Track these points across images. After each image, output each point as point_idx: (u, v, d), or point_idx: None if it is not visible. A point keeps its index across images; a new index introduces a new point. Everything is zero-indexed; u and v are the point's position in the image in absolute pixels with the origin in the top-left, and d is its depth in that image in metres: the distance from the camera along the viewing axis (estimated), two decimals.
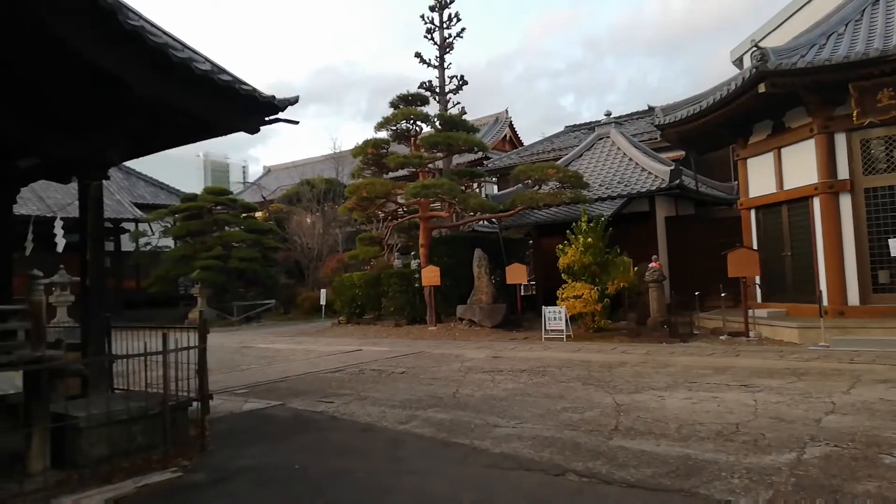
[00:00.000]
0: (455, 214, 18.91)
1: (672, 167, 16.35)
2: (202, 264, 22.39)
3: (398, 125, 16.63)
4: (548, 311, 13.69)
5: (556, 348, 12.01)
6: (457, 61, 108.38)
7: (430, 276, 16.47)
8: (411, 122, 16.73)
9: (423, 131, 17.41)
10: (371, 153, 16.52)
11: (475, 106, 35.76)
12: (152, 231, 27.56)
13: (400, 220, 18.19)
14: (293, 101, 7.77)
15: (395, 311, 18.38)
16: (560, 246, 14.11)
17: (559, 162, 18.75)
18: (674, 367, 9.24)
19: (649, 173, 16.95)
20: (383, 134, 17.09)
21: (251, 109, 7.61)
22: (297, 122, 8.03)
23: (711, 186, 18.71)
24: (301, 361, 12.03)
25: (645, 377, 8.58)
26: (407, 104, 16.88)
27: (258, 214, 31.38)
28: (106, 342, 7.99)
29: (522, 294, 19.57)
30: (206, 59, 7.01)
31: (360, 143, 16.64)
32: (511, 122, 36.04)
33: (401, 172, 18.99)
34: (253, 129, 8.06)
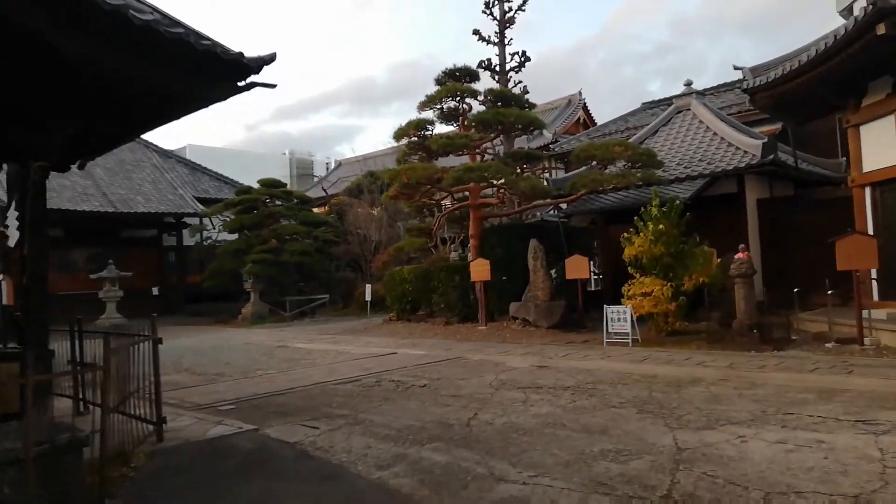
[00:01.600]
0: (514, 202, 17.10)
1: (765, 140, 13.85)
2: (254, 258, 21.67)
3: (443, 103, 14.96)
4: (611, 310, 11.71)
5: (616, 356, 10.05)
6: (534, 49, 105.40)
7: (480, 269, 14.77)
8: (458, 99, 15.02)
9: (473, 111, 15.66)
10: (413, 135, 14.96)
11: (551, 93, 33.73)
12: (213, 225, 27.30)
13: (447, 210, 16.53)
14: (268, 59, 6.27)
15: (446, 308, 16.81)
16: (625, 234, 12.05)
17: (631, 140, 16.51)
18: (763, 388, 7.15)
19: (737, 149, 14.49)
20: (429, 114, 15.46)
21: (216, 72, 6.17)
22: (274, 86, 6.57)
23: (814, 164, 15.94)
24: (323, 367, 10.69)
25: (723, 402, 6.57)
26: (454, 80, 15.17)
27: (320, 209, 30.68)
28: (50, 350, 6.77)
29: (588, 290, 17.59)
30: (155, 10, 5.58)
31: (403, 125, 15.10)
32: (585, 103, 33.59)
33: (453, 158, 17.36)
34: (222, 96, 6.66)
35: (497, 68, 19.14)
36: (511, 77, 19.17)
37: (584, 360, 9.84)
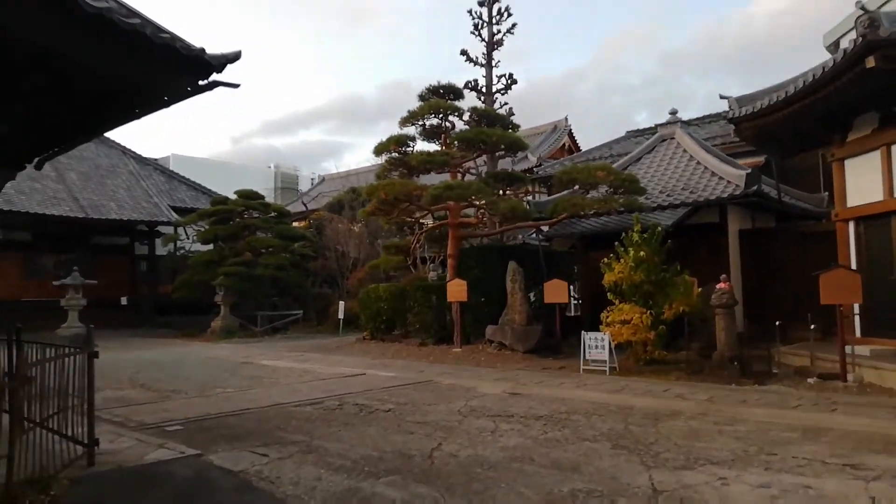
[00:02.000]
0: (494, 223, 16.78)
1: (748, 171, 13.71)
2: (226, 270, 21.05)
3: (425, 120, 14.66)
4: (589, 337, 11.33)
5: (592, 385, 9.65)
6: (525, 77, 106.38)
7: (456, 290, 14.36)
8: (441, 116, 14.73)
9: (456, 129, 15.36)
10: (394, 150, 14.60)
11: (541, 119, 33.73)
12: (186, 235, 26.65)
13: (426, 228, 16.14)
14: (231, 57, 5.91)
15: (421, 329, 16.34)
16: (605, 260, 11.74)
17: (615, 166, 16.32)
18: (745, 425, 6.79)
19: (720, 178, 14.33)
20: (411, 131, 15.14)
21: (175, 68, 5.79)
22: (237, 86, 6.20)
23: (796, 197, 15.85)
24: (285, 386, 10.16)
25: (703, 439, 6.19)
26: (438, 97, 14.88)
27: (300, 223, 30.15)
28: None
29: (567, 315, 17.25)
30: None
31: (384, 140, 14.75)
32: (570, 130, 33.65)
33: (435, 176, 17.03)
34: (182, 94, 6.29)
35: (483, 89, 18.95)
36: (497, 99, 18.99)
37: (559, 388, 9.42)
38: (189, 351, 16.99)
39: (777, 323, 11.20)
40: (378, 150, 14.81)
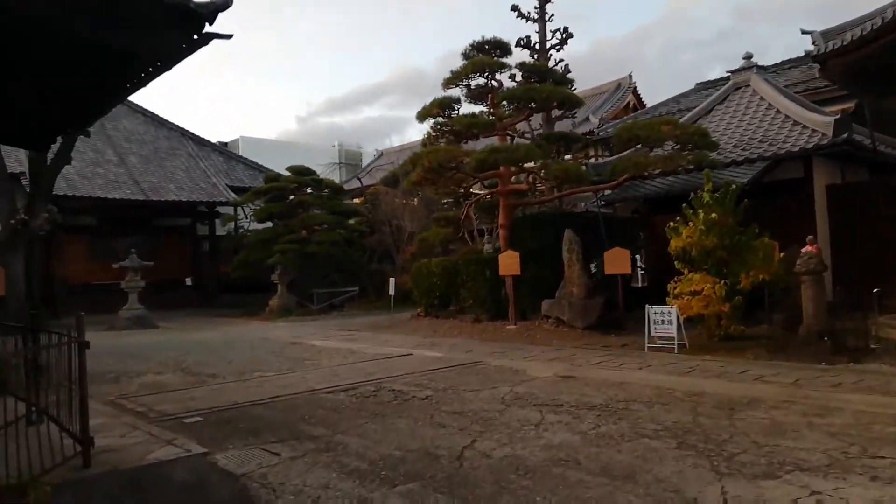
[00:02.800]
0: (550, 189, 15.68)
1: (837, 117, 12.08)
2: (280, 248, 20.85)
3: (470, 80, 13.65)
4: (654, 311, 10.25)
5: (657, 366, 8.62)
6: (589, 36, 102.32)
7: (509, 263, 13.46)
8: (487, 75, 13.67)
9: (504, 88, 14.26)
10: (437, 114, 13.70)
11: (607, 80, 31.93)
12: (245, 214, 26.70)
13: (475, 198, 15.21)
14: (221, 4, 5.21)
15: (475, 305, 15.55)
16: (671, 224, 10.55)
17: (682, 120, 14.85)
18: (840, 416, 5.68)
19: (804, 127, 12.72)
20: (456, 93, 14.17)
21: (162, 22, 5.16)
22: (230, 36, 5.51)
23: (894, 146, 13.98)
24: (325, 370, 9.61)
25: (788, 435, 5.16)
26: (483, 54, 13.81)
27: (359, 199, 29.77)
28: None
29: (633, 286, 16.09)
30: None
31: (427, 104, 13.85)
32: (635, 87, 31.69)
33: (486, 142, 16.04)
34: (176, 52, 5.68)
35: (537, 46, 17.73)
36: (551, 56, 17.73)
37: (619, 370, 8.45)
38: (244, 331, 16.87)
39: (874, 290, 9.79)
40: (421, 116, 13.94)
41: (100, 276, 24.84)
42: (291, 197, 23.21)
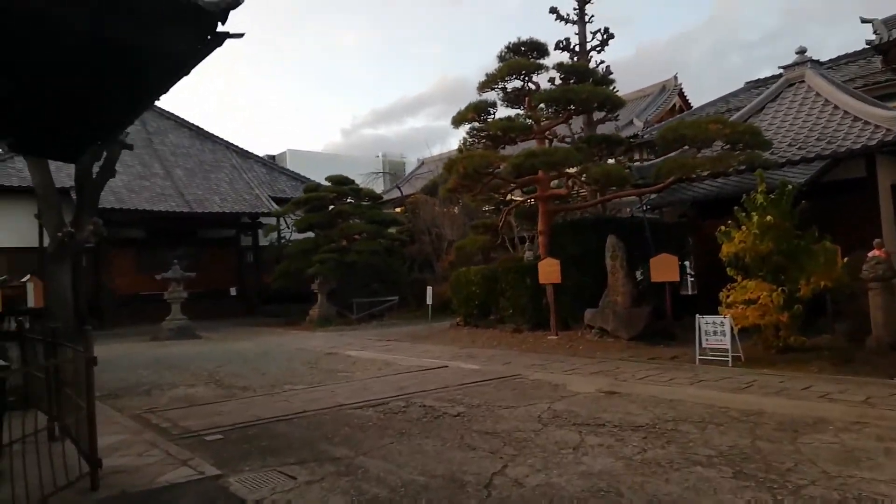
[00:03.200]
0: (594, 193, 15.09)
1: None
2: (320, 258, 20.77)
3: (506, 82, 13.22)
4: (705, 321, 9.58)
5: (710, 380, 7.99)
6: (632, 40, 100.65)
7: (549, 270, 12.94)
8: (523, 77, 13.23)
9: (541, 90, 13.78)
10: (472, 118, 13.31)
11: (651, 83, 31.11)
12: (286, 225, 26.82)
13: (515, 203, 14.72)
14: (232, 2, 4.99)
15: (516, 314, 15.07)
16: (722, 228, 9.89)
17: (732, 119, 14.08)
18: None
19: (865, 123, 11.85)
20: (493, 97, 13.78)
21: (172, 21, 4.97)
22: (241, 35, 5.26)
23: None
24: (357, 383, 9.29)
25: (863, 464, 4.55)
26: (519, 55, 13.39)
27: (401, 210, 29.62)
28: None
29: (682, 294, 15.39)
30: None
31: (462, 109, 13.48)
32: (681, 89, 30.69)
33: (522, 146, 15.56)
34: (192, 54, 5.47)
35: (576, 48, 17.20)
36: (592, 57, 17.18)
37: (668, 385, 7.86)
38: (283, 341, 16.76)
39: None
40: (457, 121, 13.58)
41: (147, 287, 25.24)
42: (331, 207, 23.13)
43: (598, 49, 17.53)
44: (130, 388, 9.82)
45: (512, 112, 14.16)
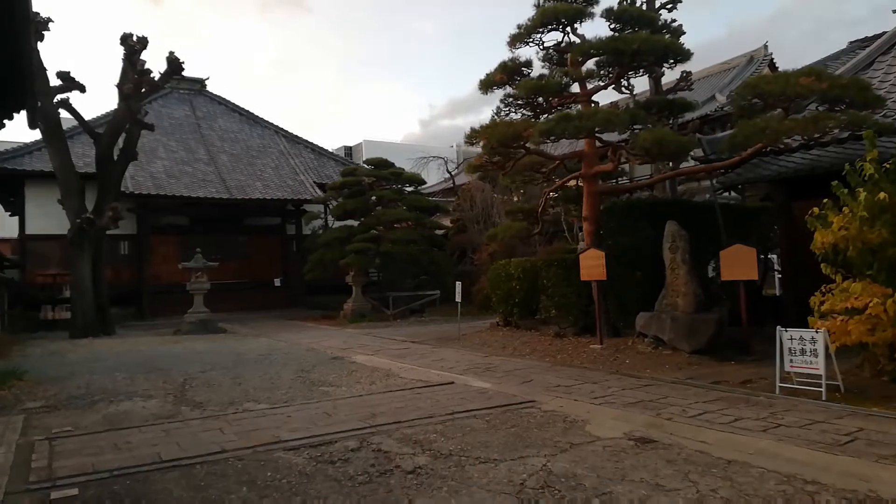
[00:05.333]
0: (661, 171, 12.60)
1: None
2: (353, 248, 19.12)
3: (542, 33, 10.91)
4: (790, 335, 7.10)
5: (793, 425, 5.60)
6: (724, 17, 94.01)
7: (592, 265, 10.66)
8: (563, 27, 10.87)
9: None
10: (501, 80, 11.09)
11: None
12: (329, 212, 25.39)
13: (556, 184, 12.35)
14: None
15: (560, 315, 12.84)
16: (815, 210, 7.35)
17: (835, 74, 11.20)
18: None
19: None
20: (529, 54, 11.50)
21: None
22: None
23: None
24: (328, 404, 7.41)
25: None
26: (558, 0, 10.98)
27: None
28: None
29: (764, 295, 12.75)
30: None
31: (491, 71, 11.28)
32: (772, 60, 27.09)
33: None
34: None
35: (643, 5, 14.60)
36: (661, 15, 14.53)
37: (730, 431, 5.52)
38: (301, 338, 15.18)
39: None
40: (484, 85, 11.37)
41: (188, 277, 24.51)
42: (369, 192, 21.42)
43: (668, 6, 14.90)
44: (80, 397, 8.38)
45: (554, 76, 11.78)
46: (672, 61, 10.68)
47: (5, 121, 7.78)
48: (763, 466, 4.56)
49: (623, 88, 12.46)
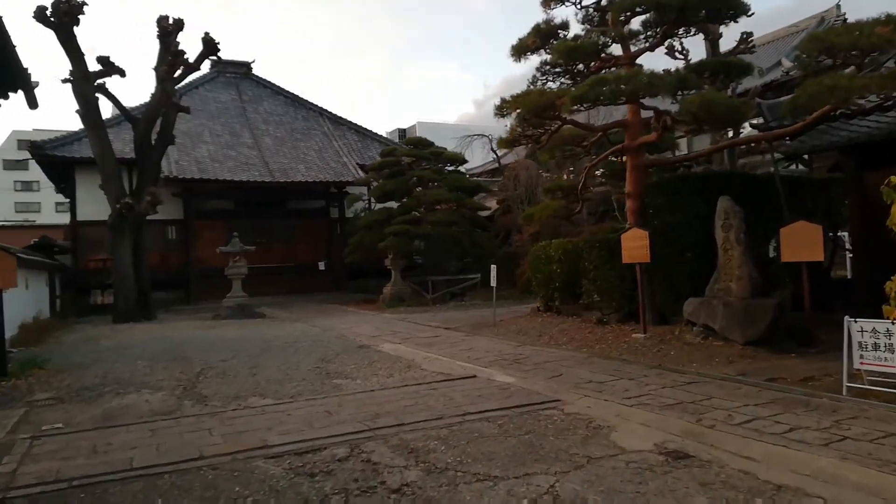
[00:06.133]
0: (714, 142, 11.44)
1: None
2: (392, 230, 18.58)
3: None
4: (860, 327, 6.06)
5: (861, 439, 4.64)
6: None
7: (634, 246, 9.71)
8: None
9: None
10: (534, 45, 10.14)
11: None
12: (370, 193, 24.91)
13: (598, 158, 11.32)
14: None
15: (602, 300, 11.95)
16: (892, 180, 6.23)
17: None
18: None
19: None
20: (564, 15, 10.51)
21: None
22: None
23: None
24: (334, 400, 6.84)
25: None
26: None
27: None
28: None
29: (832, 277, 11.55)
30: None
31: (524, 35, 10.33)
32: (845, 20, 24.85)
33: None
34: None
35: None
36: None
37: (783, 444, 4.62)
38: (335, 324, 14.77)
39: None
40: (516, 51, 10.45)
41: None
42: (409, 172, 20.77)
43: None
44: (91, 388, 8.13)
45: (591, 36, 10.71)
46: (727, 18, 9.48)
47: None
48: (821, 495, 3.70)
49: (676, 54, 11.35)
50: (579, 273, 12.67)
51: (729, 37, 11.87)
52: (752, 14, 9.66)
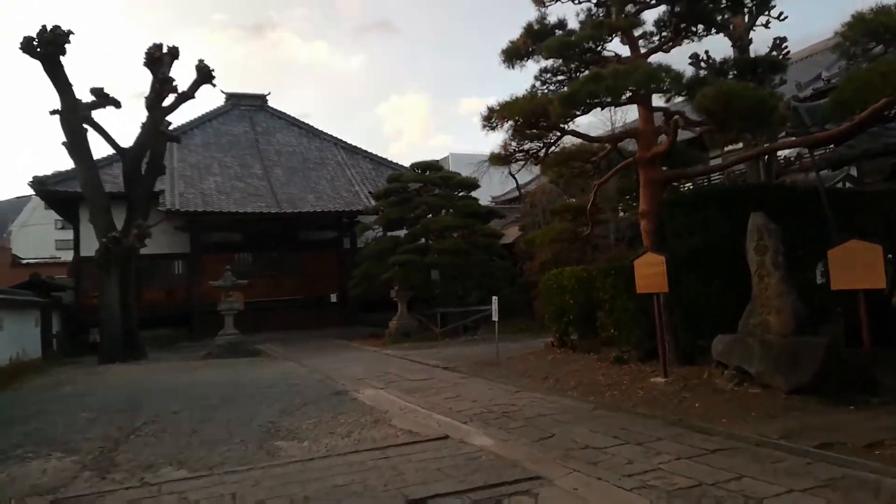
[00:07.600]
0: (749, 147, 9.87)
1: None
2: (396, 259, 17.27)
3: None
4: None
5: None
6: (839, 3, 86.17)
7: (649, 273, 8.17)
8: None
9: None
10: (525, 46, 8.81)
11: None
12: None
13: (608, 174, 9.80)
14: None
15: (620, 335, 10.36)
16: None
17: None
18: None
19: None
20: (566, 12, 9.16)
21: None
22: None
23: None
24: (256, 474, 5.46)
25: None
26: None
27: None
28: None
29: (889, 307, 9.67)
30: None
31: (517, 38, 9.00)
32: None
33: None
34: None
35: None
36: None
37: None
38: (327, 363, 13.44)
39: None
40: (508, 56, 9.12)
41: (245, 296, 23.44)
42: (416, 199, 19.51)
43: None
44: (4, 450, 6.90)
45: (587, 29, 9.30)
46: (748, 6, 8.00)
47: None
48: None
49: (701, 63, 9.93)
50: (595, 304, 11.12)
51: (759, 41, 10.38)
52: (785, 18, 8.14)
